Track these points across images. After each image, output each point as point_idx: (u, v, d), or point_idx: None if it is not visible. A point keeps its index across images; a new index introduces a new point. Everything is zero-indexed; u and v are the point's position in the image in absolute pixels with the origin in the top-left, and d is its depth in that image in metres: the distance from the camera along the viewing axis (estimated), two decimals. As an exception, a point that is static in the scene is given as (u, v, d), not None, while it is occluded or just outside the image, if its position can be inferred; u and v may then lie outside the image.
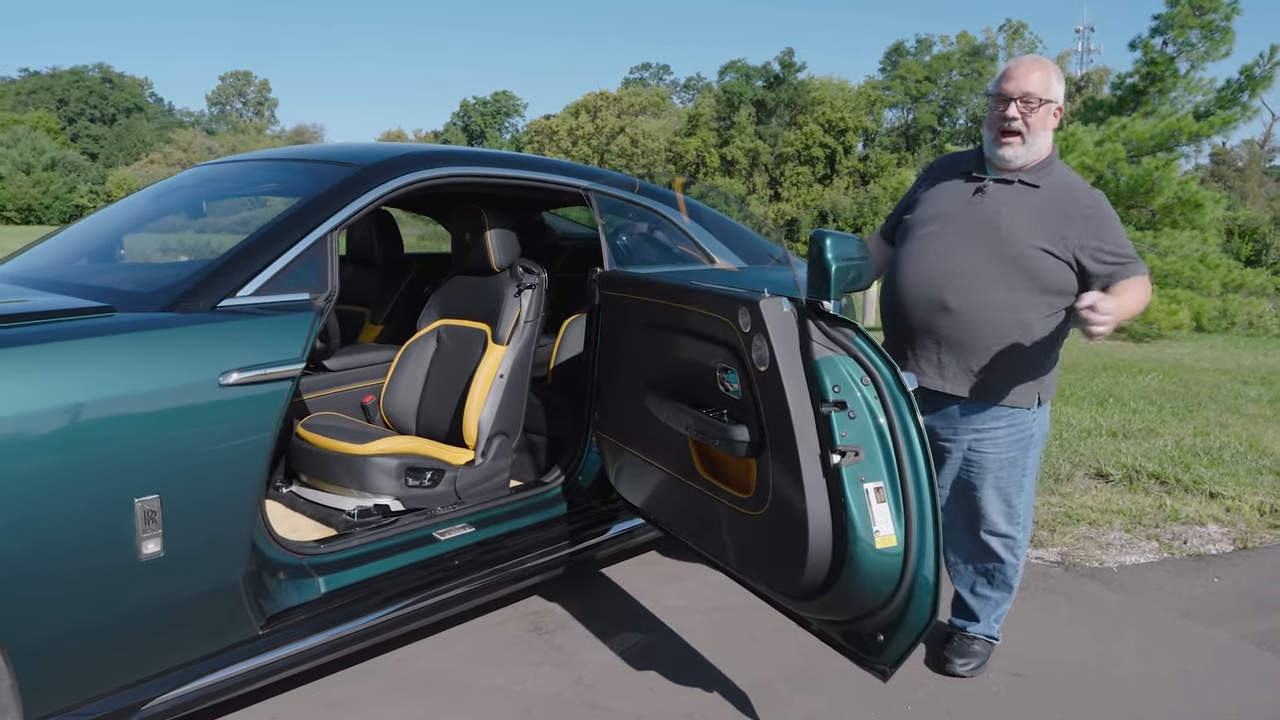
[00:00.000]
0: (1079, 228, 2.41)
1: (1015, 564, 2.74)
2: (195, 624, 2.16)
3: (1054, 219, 2.43)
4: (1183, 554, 3.84)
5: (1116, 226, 2.45)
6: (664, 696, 2.66)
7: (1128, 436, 5.71)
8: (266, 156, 3.12)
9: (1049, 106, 2.43)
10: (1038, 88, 2.41)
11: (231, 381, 2.10)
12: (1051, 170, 2.50)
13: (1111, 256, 2.41)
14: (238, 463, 2.14)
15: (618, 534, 3.23)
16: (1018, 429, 2.58)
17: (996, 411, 2.55)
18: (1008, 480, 2.63)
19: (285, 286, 2.35)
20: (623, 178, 3.53)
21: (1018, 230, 2.43)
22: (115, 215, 3.08)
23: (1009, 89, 2.43)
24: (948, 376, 2.55)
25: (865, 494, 2.06)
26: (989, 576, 2.77)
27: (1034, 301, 2.44)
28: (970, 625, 2.82)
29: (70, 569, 1.92)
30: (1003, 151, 2.46)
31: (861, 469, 2.06)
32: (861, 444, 2.07)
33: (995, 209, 2.47)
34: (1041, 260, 2.42)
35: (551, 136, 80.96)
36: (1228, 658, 2.95)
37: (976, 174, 2.54)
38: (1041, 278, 2.42)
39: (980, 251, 2.45)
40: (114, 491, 1.95)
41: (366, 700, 2.61)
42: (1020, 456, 2.61)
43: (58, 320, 1.99)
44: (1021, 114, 2.41)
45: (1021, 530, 2.72)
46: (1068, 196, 2.46)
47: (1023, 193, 2.48)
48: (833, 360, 2.11)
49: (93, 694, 2.01)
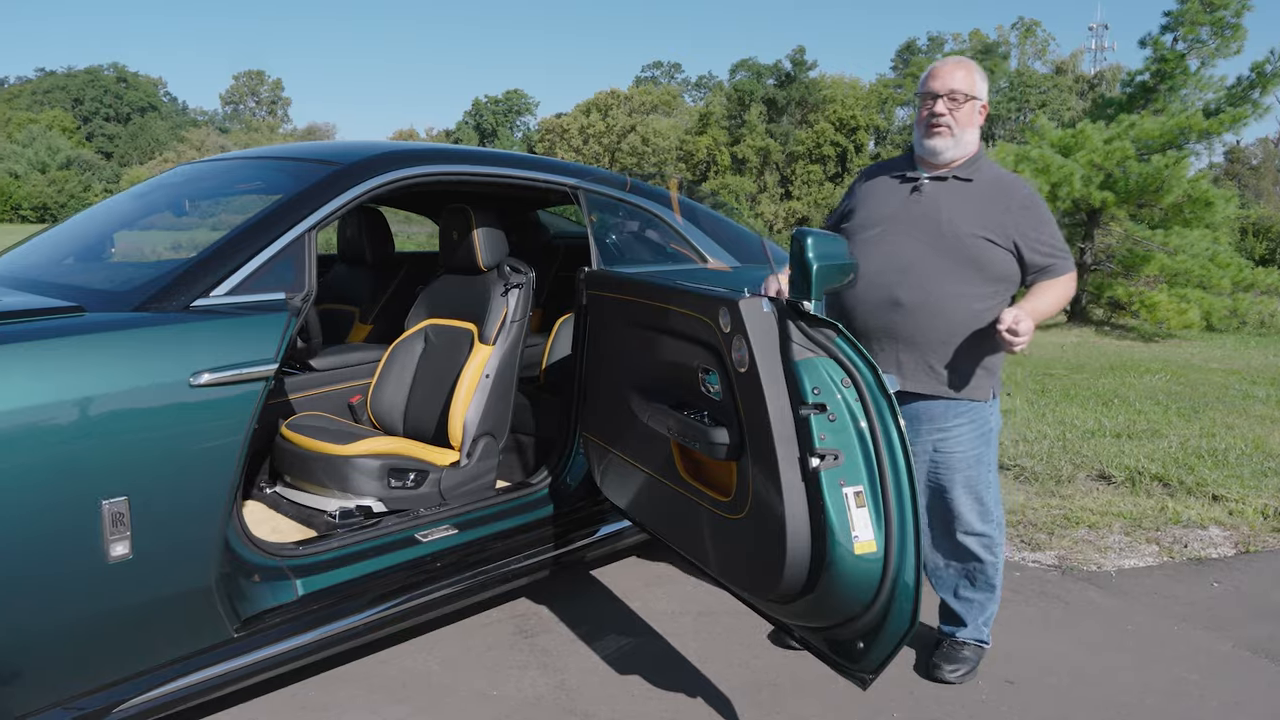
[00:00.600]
0: (1017, 217, 2.48)
1: (995, 562, 2.73)
2: (167, 627, 2.14)
3: (992, 209, 2.49)
4: (1183, 558, 3.78)
5: (1051, 220, 2.54)
6: (645, 701, 2.62)
7: (1132, 437, 5.65)
8: (250, 155, 3.10)
9: (974, 103, 2.52)
10: (963, 85, 2.50)
11: (203, 382, 2.08)
12: (980, 166, 2.57)
13: (1048, 249, 2.50)
14: (209, 465, 2.11)
15: (605, 536, 3.20)
16: (979, 424, 2.60)
17: (958, 407, 2.57)
18: (977, 478, 2.64)
19: (261, 286, 2.33)
20: (613, 176, 3.50)
21: (959, 222, 2.48)
22: (99, 214, 3.06)
23: (935, 87, 2.51)
24: (907, 375, 2.55)
25: (844, 498, 2.02)
26: (971, 578, 2.74)
27: (982, 291, 2.49)
28: (958, 631, 2.78)
29: (36, 571, 1.90)
30: (933, 143, 2.52)
31: (841, 473, 2.02)
32: (841, 447, 2.03)
33: (934, 204, 2.53)
34: (985, 249, 2.47)
35: (563, 135, 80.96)
36: (1225, 665, 2.89)
37: (910, 174, 2.60)
38: (987, 267, 2.48)
39: (927, 247, 2.50)
40: (81, 493, 1.93)
41: (344, 703, 2.58)
42: (985, 452, 2.64)
43: (25, 320, 1.97)
44: (949, 109, 2.49)
45: (996, 528, 2.71)
46: (1002, 188, 2.53)
47: (958, 187, 2.53)
48: (813, 362, 2.07)
49: (62, 696, 1.99)
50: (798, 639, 2.34)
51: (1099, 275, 12.18)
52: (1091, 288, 12.19)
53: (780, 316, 2.12)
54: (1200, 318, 11.04)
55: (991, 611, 2.79)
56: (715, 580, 2.50)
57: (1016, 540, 3.95)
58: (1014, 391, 7.24)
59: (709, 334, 2.27)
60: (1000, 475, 4.80)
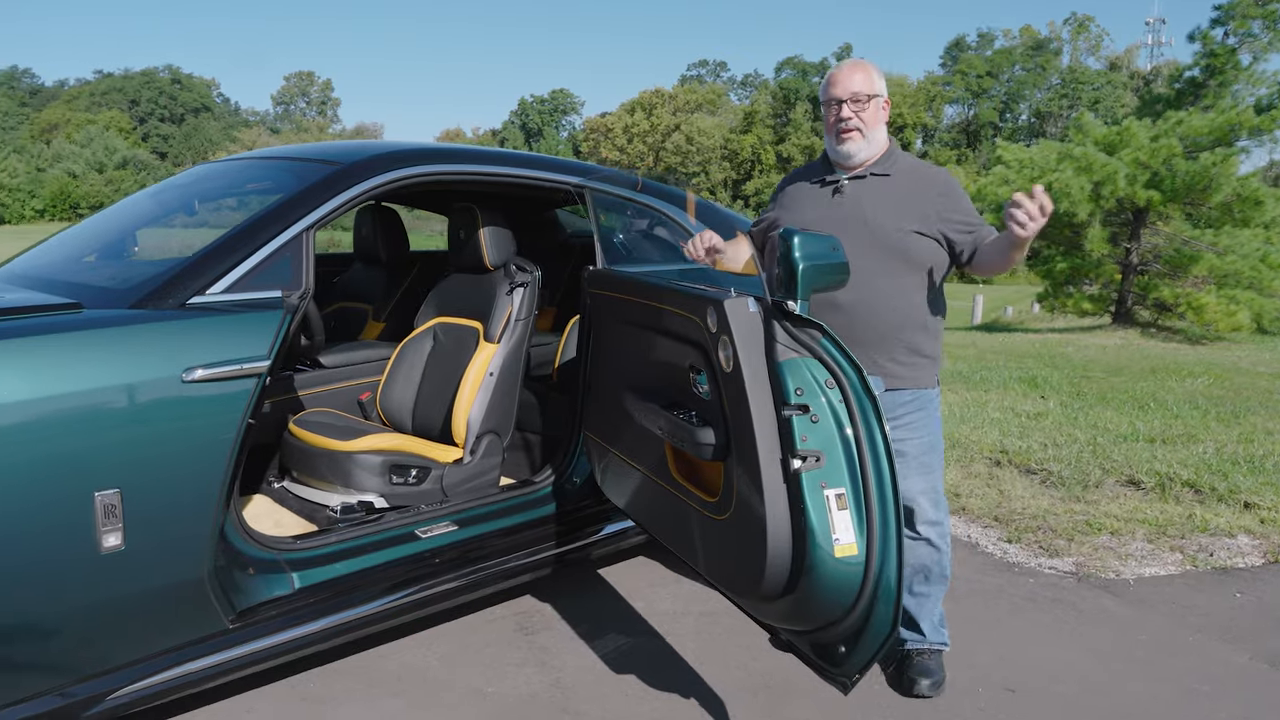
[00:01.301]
0: (937, 204, 2.53)
1: (947, 551, 2.73)
2: (161, 617, 2.18)
3: (913, 201, 2.53)
4: (1207, 567, 3.68)
5: (966, 198, 2.61)
6: (639, 701, 2.62)
7: (1166, 443, 5.50)
8: (259, 155, 3.15)
9: (876, 100, 2.57)
10: (863, 86, 2.54)
11: (195, 378, 2.11)
12: (896, 159, 2.62)
13: (967, 225, 2.54)
14: (201, 459, 2.15)
15: (609, 535, 3.20)
16: (928, 410, 2.63)
17: (903, 396, 2.58)
18: (930, 465, 2.65)
19: (258, 284, 2.36)
20: (621, 174, 3.50)
21: (884, 218, 2.52)
22: (113, 215, 3.14)
23: (838, 93, 2.56)
24: None
25: (825, 501, 2.00)
26: (926, 573, 2.71)
27: (916, 282, 2.54)
28: (914, 639, 2.73)
29: (30, 560, 1.95)
30: (845, 147, 2.57)
31: (822, 475, 2.00)
32: (823, 449, 2.01)
33: (857, 204, 2.57)
34: (913, 241, 2.52)
35: (607, 134, 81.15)
36: (1239, 678, 2.80)
37: (830, 178, 2.64)
38: (916, 258, 2.53)
39: (856, 247, 2.48)
40: (74, 485, 1.97)
41: (341, 696, 2.62)
42: (936, 439, 2.66)
43: (22, 316, 2.02)
44: (855, 112, 2.55)
45: (945, 514, 2.71)
46: (919, 178, 2.59)
47: (877, 184, 2.58)
48: (797, 362, 2.05)
49: (57, 682, 2.04)
50: (784, 641, 2.32)
51: (1145, 276, 11.90)
52: (1137, 288, 11.92)
53: (766, 316, 2.10)
54: (1250, 320, 10.74)
55: (941, 610, 2.76)
56: (706, 580, 2.49)
57: (1034, 546, 3.88)
58: (1048, 394, 7.12)
59: (699, 333, 2.26)
60: (1027, 480, 4.75)
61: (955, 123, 73.14)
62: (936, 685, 2.66)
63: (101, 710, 2.12)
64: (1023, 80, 67.93)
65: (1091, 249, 11.56)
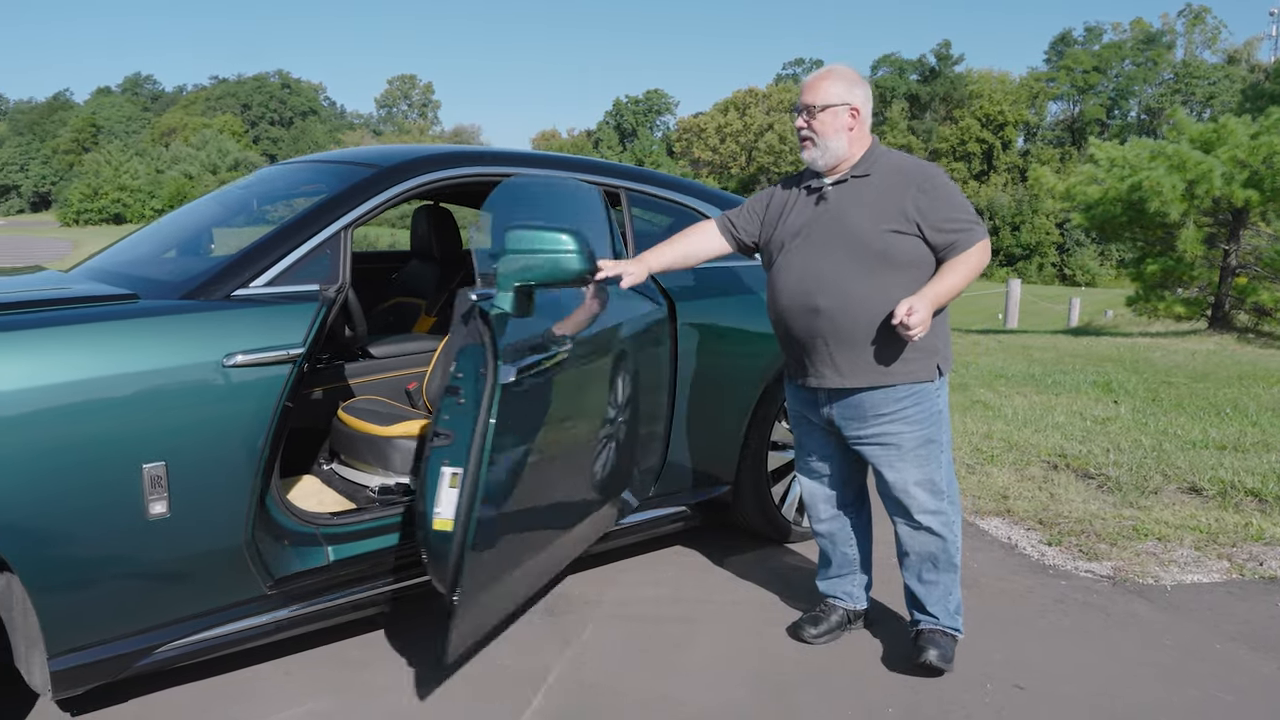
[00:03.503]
0: (916, 200, 2.57)
1: (954, 540, 2.76)
2: (203, 580, 2.40)
3: (891, 199, 2.59)
4: (1255, 576, 3.59)
5: (953, 195, 2.61)
6: (652, 678, 2.73)
7: (1238, 450, 5.33)
8: (313, 159, 3.37)
9: (831, 110, 2.63)
10: (818, 97, 2.64)
11: (235, 363, 2.32)
12: (877, 159, 2.68)
13: (951, 224, 2.56)
14: (240, 436, 2.35)
15: (640, 523, 3.33)
16: (925, 405, 2.66)
17: (898, 393, 2.64)
18: (928, 458, 2.69)
19: (299, 278, 2.56)
20: (658, 175, 3.61)
21: (864, 221, 2.60)
22: (183, 213, 3.42)
23: (799, 104, 2.71)
24: (845, 372, 2.64)
25: (442, 476, 2.23)
26: (934, 560, 2.76)
27: (899, 280, 2.57)
28: (927, 620, 2.79)
29: (85, 525, 2.17)
30: (804, 155, 2.71)
31: (447, 453, 2.23)
32: (457, 430, 2.23)
33: (839, 208, 2.66)
34: (893, 241, 2.57)
35: (700, 134, 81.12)
36: (1262, 688, 2.75)
37: (814, 184, 2.74)
38: (897, 257, 2.58)
39: (839, 250, 2.61)
40: (125, 457, 2.20)
41: (375, 662, 2.80)
42: (935, 431, 2.70)
43: (85, 305, 2.26)
44: (806, 122, 2.67)
45: (950, 505, 2.74)
46: (899, 175, 2.63)
47: (858, 186, 2.66)
48: (469, 349, 2.30)
49: (107, 635, 2.27)
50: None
51: (1244, 278, 11.40)
52: (1235, 292, 11.42)
53: (470, 308, 2.37)
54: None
55: (957, 598, 2.79)
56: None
57: (1074, 550, 3.84)
58: (1121, 399, 6.93)
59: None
60: (1083, 484, 4.68)
61: (1060, 119, 70.67)
62: (944, 659, 2.72)
63: (150, 662, 2.35)
64: (1132, 75, 65.22)
65: (1185, 250, 11.13)
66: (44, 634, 2.18)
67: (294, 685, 2.67)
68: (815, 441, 2.90)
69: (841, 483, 2.93)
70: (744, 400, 3.49)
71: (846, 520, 2.97)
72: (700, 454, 3.44)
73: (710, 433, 3.44)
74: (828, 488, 2.94)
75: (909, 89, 70.02)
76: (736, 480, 3.58)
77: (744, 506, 3.65)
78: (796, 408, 2.90)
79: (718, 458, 3.51)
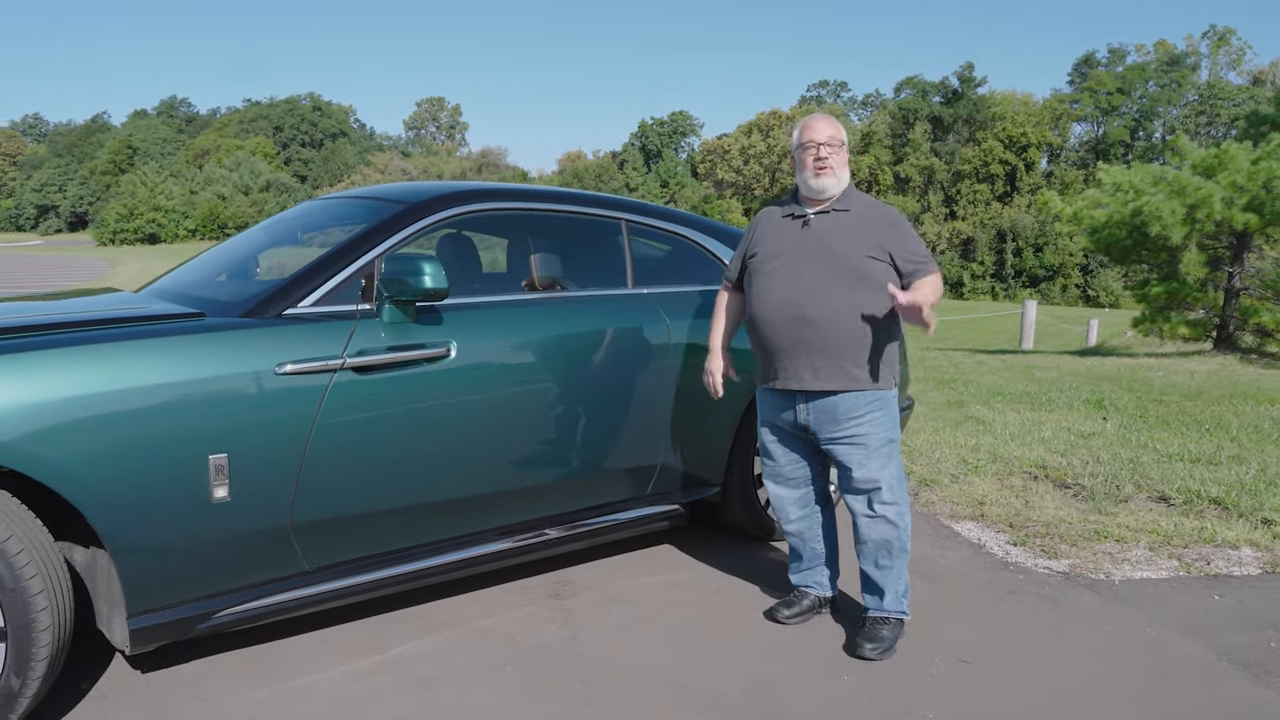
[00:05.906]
0: (887, 235, 3.07)
1: (906, 528, 3.16)
2: (256, 556, 2.82)
3: (868, 232, 3.07)
4: (1200, 573, 3.91)
5: (914, 235, 3.12)
6: (646, 653, 3.11)
7: (1211, 463, 5.63)
8: (350, 195, 3.82)
9: (843, 148, 3.13)
10: (832, 134, 3.11)
11: (285, 371, 2.75)
12: (853, 197, 3.15)
13: (914, 257, 3.07)
14: (288, 432, 2.78)
15: (636, 519, 3.72)
16: (888, 409, 3.10)
17: (866, 397, 3.06)
18: (889, 455, 3.11)
19: (339, 299, 3.00)
20: (656, 207, 4.03)
21: (847, 247, 3.05)
22: (239, 241, 3.88)
23: (816, 137, 3.10)
24: (823, 377, 3.05)
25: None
26: (889, 547, 3.13)
27: (874, 299, 3.02)
28: (879, 602, 3.14)
29: (162, 505, 2.60)
30: (821, 181, 3.09)
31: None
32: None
33: (822, 234, 3.09)
34: (871, 266, 3.04)
35: (723, 156, 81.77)
36: (1185, 665, 3.08)
37: (798, 212, 3.15)
38: (873, 278, 3.03)
39: (824, 269, 3.04)
40: (194, 449, 2.63)
41: (401, 634, 3.21)
42: (894, 433, 3.12)
43: (160, 322, 2.71)
44: (830, 154, 3.09)
45: (903, 497, 3.15)
46: (874, 212, 3.13)
47: (839, 218, 3.11)
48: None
49: (176, 599, 2.70)
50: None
51: (1246, 300, 11.64)
52: (1238, 313, 11.67)
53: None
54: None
55: (906, 582, 3.16)
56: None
57: (1037, 549, 4.18)
58: (1110, 416, 7.24)
59: None
60: (1058, 493, 5.02)
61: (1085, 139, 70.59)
62: (881, 651, 3.07)
63: (209, 625, 2.77)
64: (1156, 97, 65.16)
65: (1187, 273, 11.40)
66: (125, 597, 2.60)
67: (329, 651, 3.08)
68: (785, 448, 3.29)
69: (808, 485, 3.31)
70: (732, 410, 3.88)
71: (815, 519, 3.35)
72: (692, 458, 3.83)
73: (701, 439, 3.83)
74: (797, 490, 3.33)
75: (932, 111, 70.24)
76: (725, 482, 3.98)
77: (732, 506, 4.04)
78: (769, 416, 3.29)
79: (708, 462, 3.90)
